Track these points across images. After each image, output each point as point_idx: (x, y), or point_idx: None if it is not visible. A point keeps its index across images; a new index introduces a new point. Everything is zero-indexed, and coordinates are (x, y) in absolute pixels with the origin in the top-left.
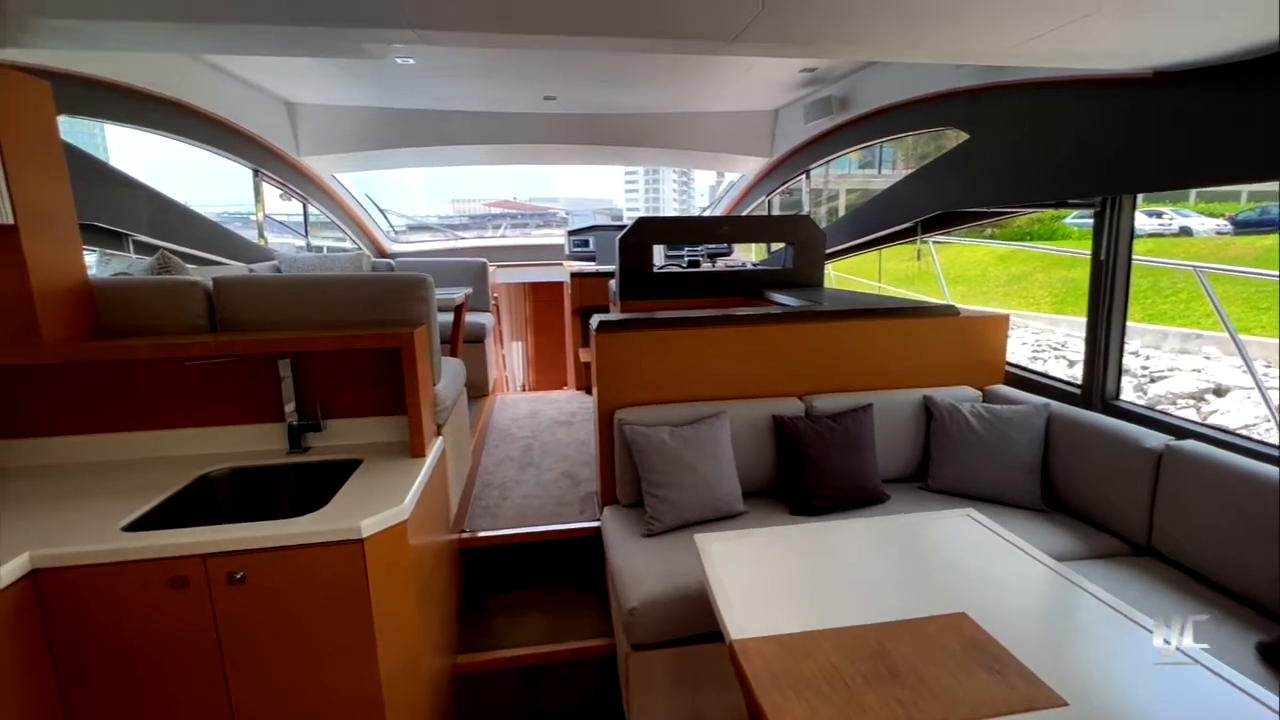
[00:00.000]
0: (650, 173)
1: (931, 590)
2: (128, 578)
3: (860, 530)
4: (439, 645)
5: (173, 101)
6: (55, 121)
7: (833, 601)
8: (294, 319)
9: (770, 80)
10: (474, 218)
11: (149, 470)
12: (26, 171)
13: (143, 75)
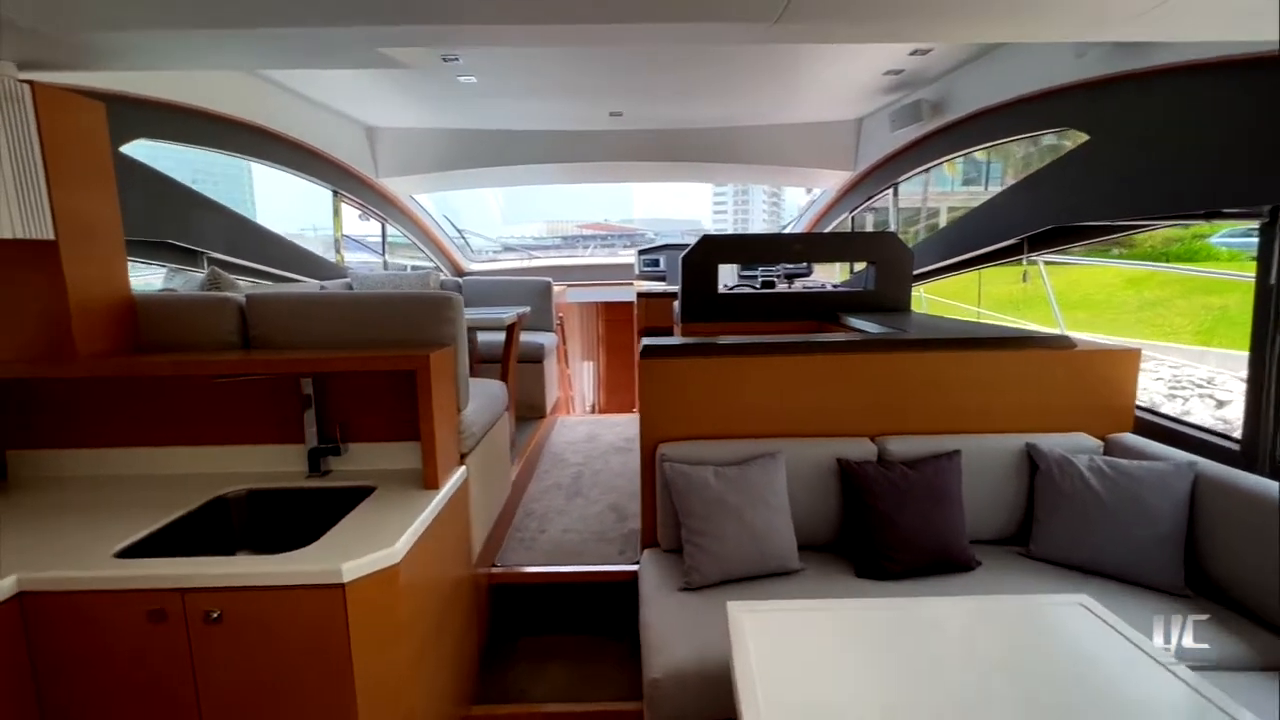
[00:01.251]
0: (740, 191)
1: (1026, 708)
2: (110, 607)
3: (939, 613)
4: (450, 693)
5: (256, 127)
6: (107, 142)
7: (894, 709)
8: (322, 338)
9: (851, 85)
10: (566, 238)
11: (169, 487)
12: (73, 189)
13: (227, 103)
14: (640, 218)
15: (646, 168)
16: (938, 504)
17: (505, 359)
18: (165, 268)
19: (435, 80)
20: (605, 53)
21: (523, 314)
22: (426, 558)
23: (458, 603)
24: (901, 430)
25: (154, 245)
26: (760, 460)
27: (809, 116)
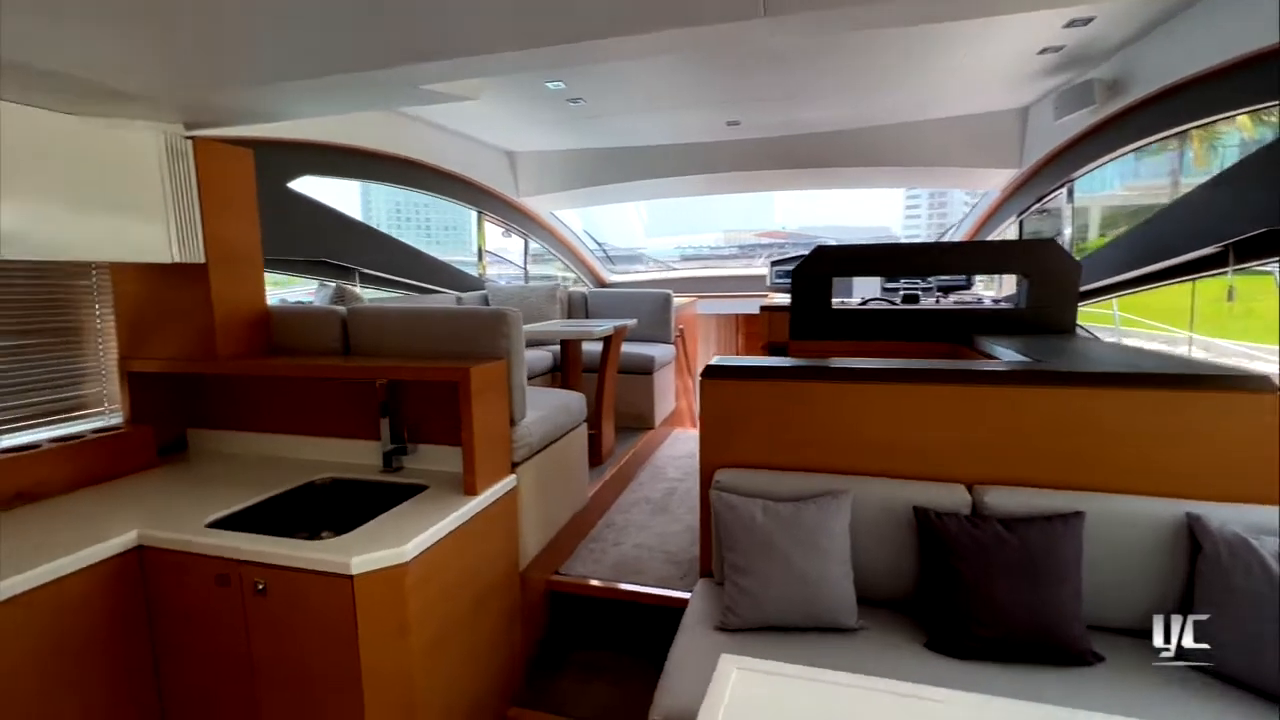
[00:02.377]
0: (936, 195)
1: None
2: (191, 567)
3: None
4: (480, 689)
5: (400, 158)
6: (253, 181)
7: None
8: (400, 348)
9: (1000, 71)
10: (743, 247)
11: (277, 468)
12: (222, 221)
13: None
14: (819, 224)
15: (772, 176)
16: (1043, 574)
17: (601, 369)
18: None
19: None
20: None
21: (622, 326)
22: (449, 558)
23: (495, 604)
24: (1009, 479)
25: (314, 263)
26: (821, 499)
27: (956, 109)
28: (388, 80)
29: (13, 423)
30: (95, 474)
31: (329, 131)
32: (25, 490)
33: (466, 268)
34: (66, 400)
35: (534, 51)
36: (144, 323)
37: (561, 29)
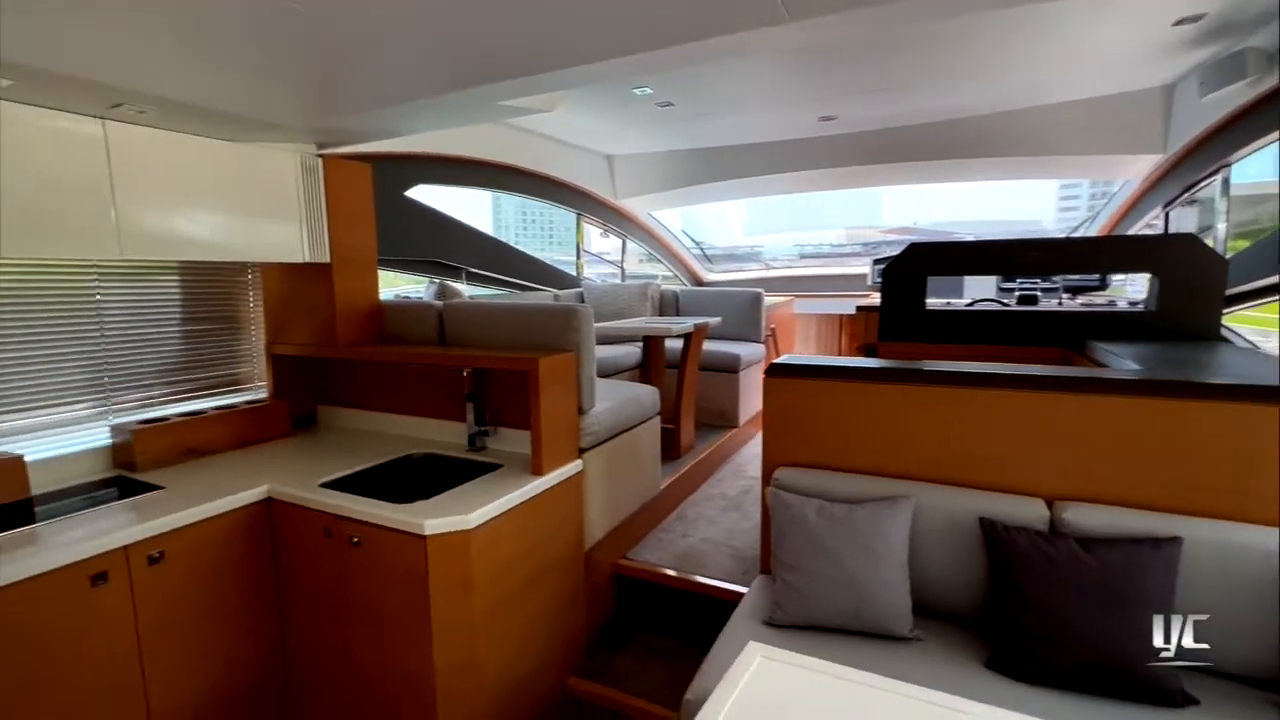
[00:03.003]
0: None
1: None
2: (304, 519)
3: None
4: (540, 655)
5: (504, 165)
6: (370, 191)
7: None
8: (487, 340)
9: (1134, 44)
10: (867, 245)
11: (382, 442)
12: (344, 227)
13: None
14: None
15: (872, 172)
16: (1125, 600)
17: (681, 366)
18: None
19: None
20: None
21: (703, 324)
22: (513, 530)
23: (558, 578)
24: (1093, 497)
25: (425, 263)
26: (878, 503)
27: (1082, 91)
28: (474, 99)
29: (188, 393)
30: (244, 438)
31: (441, 144)
32: (194, 447)
33: (581, 267)
34: (226, 376)
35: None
36: (284, 313)
37: (573, 51)
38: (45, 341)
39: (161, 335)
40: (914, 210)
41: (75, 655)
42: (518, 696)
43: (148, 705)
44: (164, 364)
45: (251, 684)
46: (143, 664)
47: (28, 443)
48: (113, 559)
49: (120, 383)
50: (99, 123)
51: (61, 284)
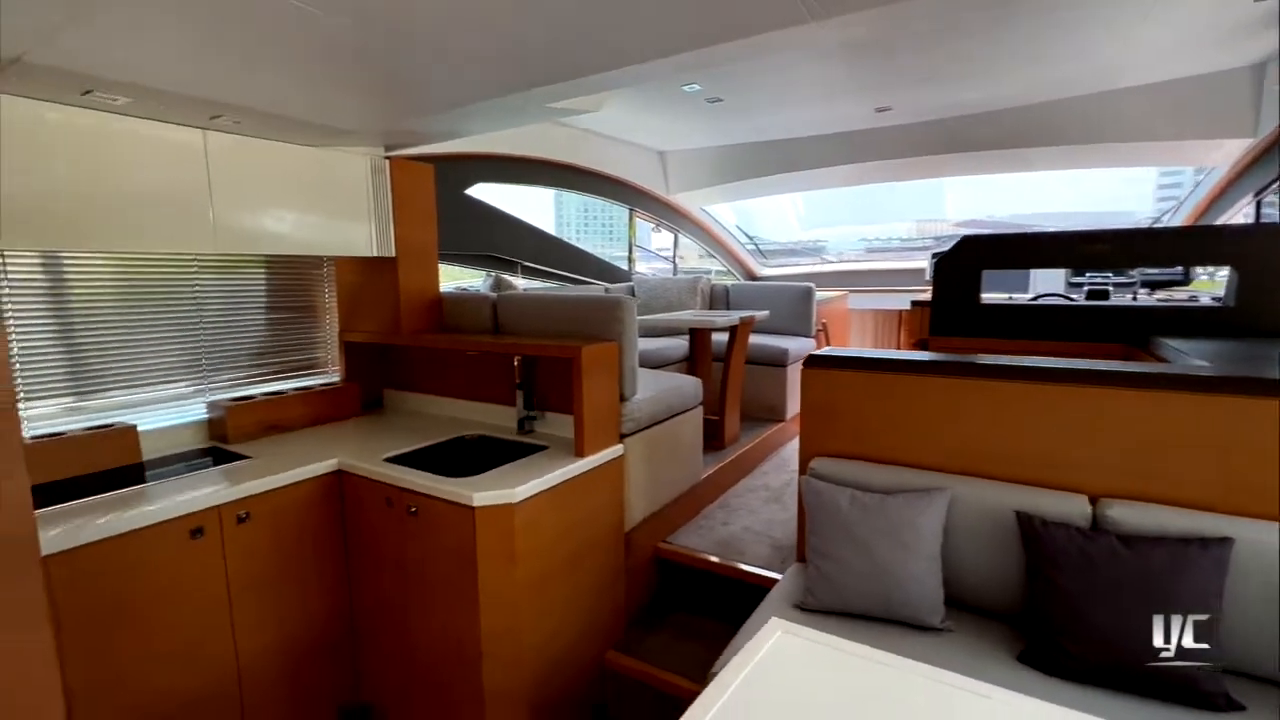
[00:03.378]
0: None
1: None
2: (368, 490)
3: None
4: (580, 628)
5: (559, 163)
6: (433, 190)
7: None
8: (536, 328)
9: (1214, 21)
10: (939, 238)
11: (441, 424)
12: (408, 224)
13: (537, 148)
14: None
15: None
16: (1167, 601)
17: (726, 359)
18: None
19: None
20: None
21: (749, 318)
22: (554, 506)
23: (599, 556)
24: (1142, 495)
25: (483, 257)
26: (911, 494)
27: (1159, 73)
28: (524, 102)
29: (271, 375)
30: (319, 417)
31: (499, 144)
32: (276, 423)
33: (632, 261)
34: (304, 360)
35: None
36: (355, 303)
37: (617, 53)
38: (154, 326)
39: (250, 322)
40: (982, 202)
41: (177, 598)
42: (557, 666)
43: (235, 649)
44: (252, 348)
45: (322, 638)
46: (232, 611)
47: (139, 415)
48: (208, 516)
49: (215, 364)
50: (200, 133)
51: (167, 275)
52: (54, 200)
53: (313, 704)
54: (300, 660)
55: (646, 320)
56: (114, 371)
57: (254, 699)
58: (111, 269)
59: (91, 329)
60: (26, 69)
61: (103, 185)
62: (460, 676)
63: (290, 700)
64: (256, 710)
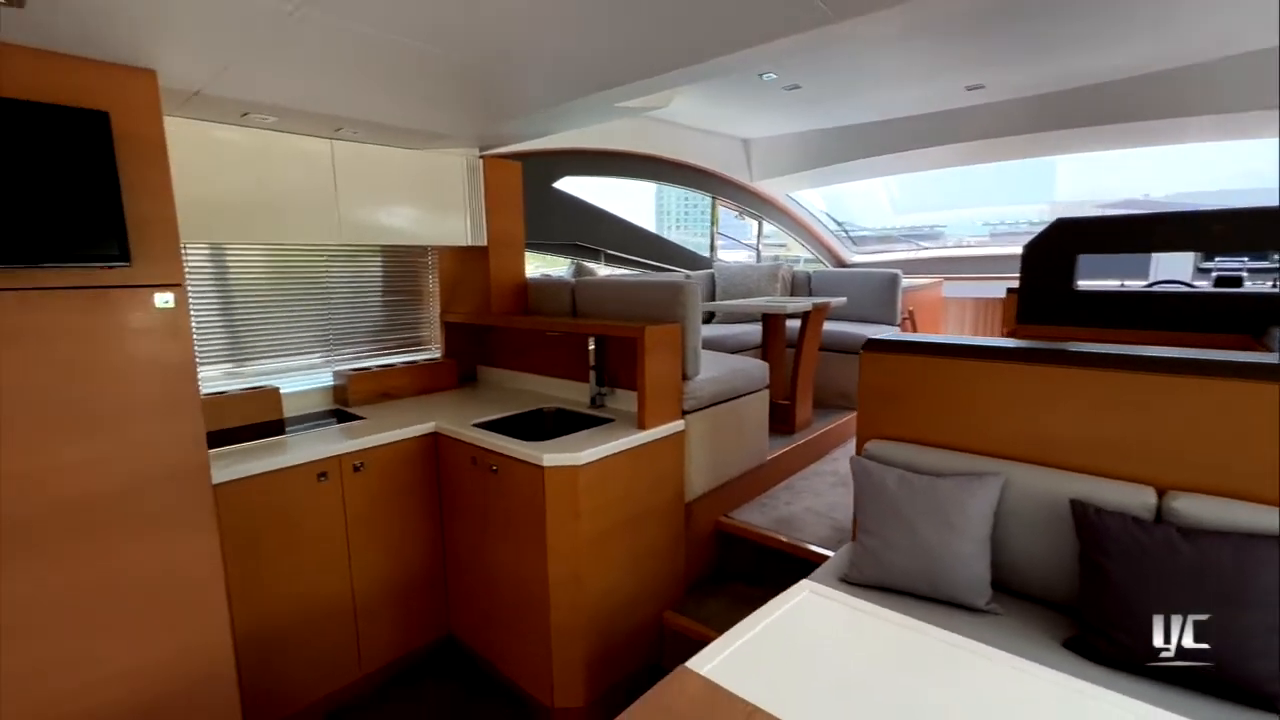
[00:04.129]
0: None
1: None
2: (457, 450)
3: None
4: (639, 587)
5: (642, 155)
6: (520, 185)
7: None
8: (609, 311)
9: None
10: None
11: (523, 397)
12: (499, 215)
13: (622, 141)
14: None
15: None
16: (1227, 596)
17: (799, 344)
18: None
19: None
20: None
21: (823, 304)
22: (616, 472)
23: (659, 523)
24: (1214, 489)
25: (569, 246)
26: (961, 478)
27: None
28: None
29: (385, 349)
30: (421, 387)
31: (584, 139)
32: (386, 392)
33: (728, 251)
34: (411, 338)
35: None
36: (453, 287)
37: (685, 51)
38: (293, 306)
39: (368, 304)
40: (1097, 180)
41: (306, 529)
42: (615, 616)
43: (350, 577)
44: (369, 326)
45: (419, 574)
46: (348, 545)
47: (280, 380)
48: (331, 464)
49: (340, 339)
50: (328, 143)
51: (304, 264)
52: (222, 202)
53: (409, 630)
54: (400, 591)
55: (720, 306)
56: (262, 343)
57: (364, 620)
58: (260, 258)
59: (245, 308)
60: (203, 100)
61: (257, 189)
62: (531, 615)
63: (391, 624)
64: (366, 630)
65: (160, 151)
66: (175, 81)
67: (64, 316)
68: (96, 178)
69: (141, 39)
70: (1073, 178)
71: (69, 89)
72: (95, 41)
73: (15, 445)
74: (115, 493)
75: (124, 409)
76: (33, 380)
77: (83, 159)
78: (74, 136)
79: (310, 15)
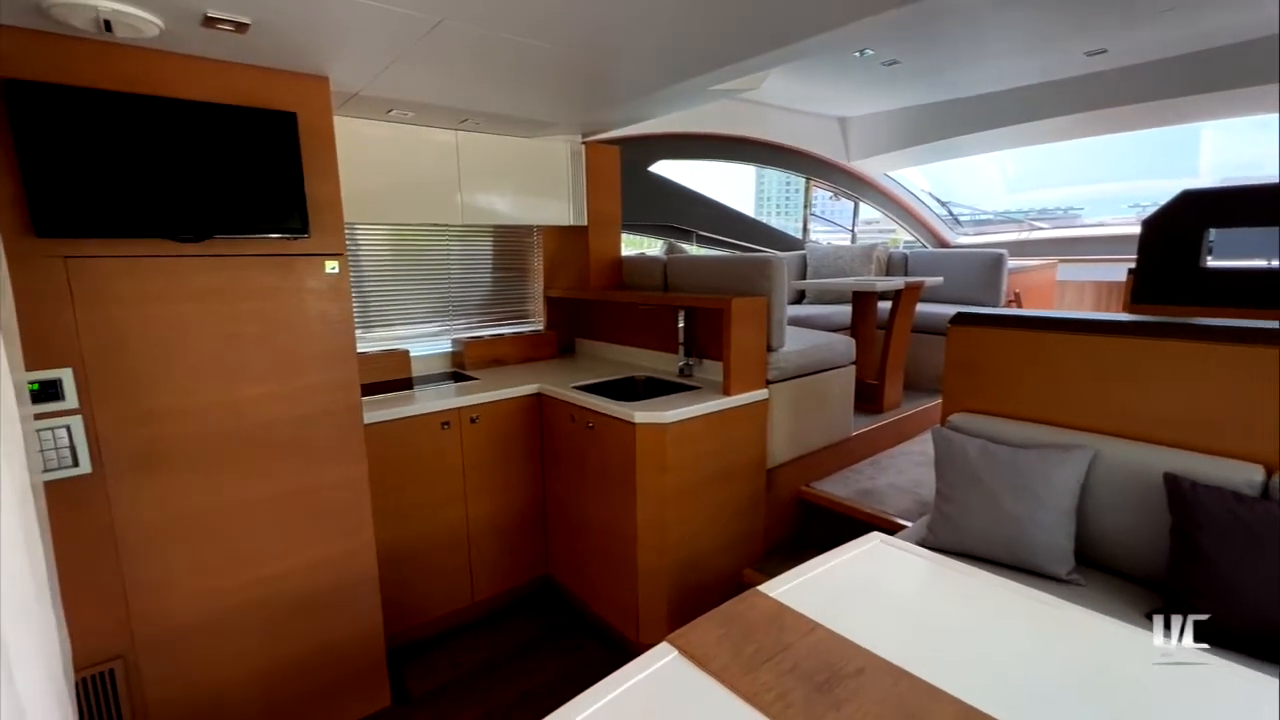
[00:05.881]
0: None
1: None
2: (559, 408)
3: None
4: (718, 540)
5: (736, 137)
6: (618, 169)
7: None
8: (699, 286)
9: None
10: None
11: (617, 366)
12: (598, 198)
13: (715, 124)
14: None
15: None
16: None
17: (889, 324)
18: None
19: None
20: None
21: (916, 283)
22: (701, 433)
23: (740, 483)
24: None
25: (663, 227)
26: (1046, 449)
27: None
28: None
29: (496, 320)
30: (527, 356)
31: (679, 124)
32: (497, 358)
33: (830, 233)
34: (518, 310)
35: None
36: (556, 264)
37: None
38: (419, 279)
39: (481, 279)
40: (1213, 158)
41: (432, 468)
42: (696, 564)
43: (467, 511)
44: (482, 299)
45: (522, 516)
46: (465, 486)
47: (408, 344)
48: (452, 414)
49: (458, 310)
50: (453, 133)
51: (429, 242)
52: (367, 186)
53: (513, 567)
54: (507, 530)
55: (808, 285)
56: (390, 312)
57: (476, 553)
58: (388, 236)
59: (377, 280)
60: (359, 100)
61: (394, 175)
62: (620, 557)
63: (498, 558)
64: (478, 561)
65: (330, 144)
66: (341, 85)
67: (261, 276)
68: (287, 166)
69: (323, 52)
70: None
71: (267, 95)
72: (288, 56)
73: (218, 380)
74: (292, 422)
75: (301, 355)
76: (235, 329)
77: (277, 151)
78: (271, 133)
79: (449, 24)
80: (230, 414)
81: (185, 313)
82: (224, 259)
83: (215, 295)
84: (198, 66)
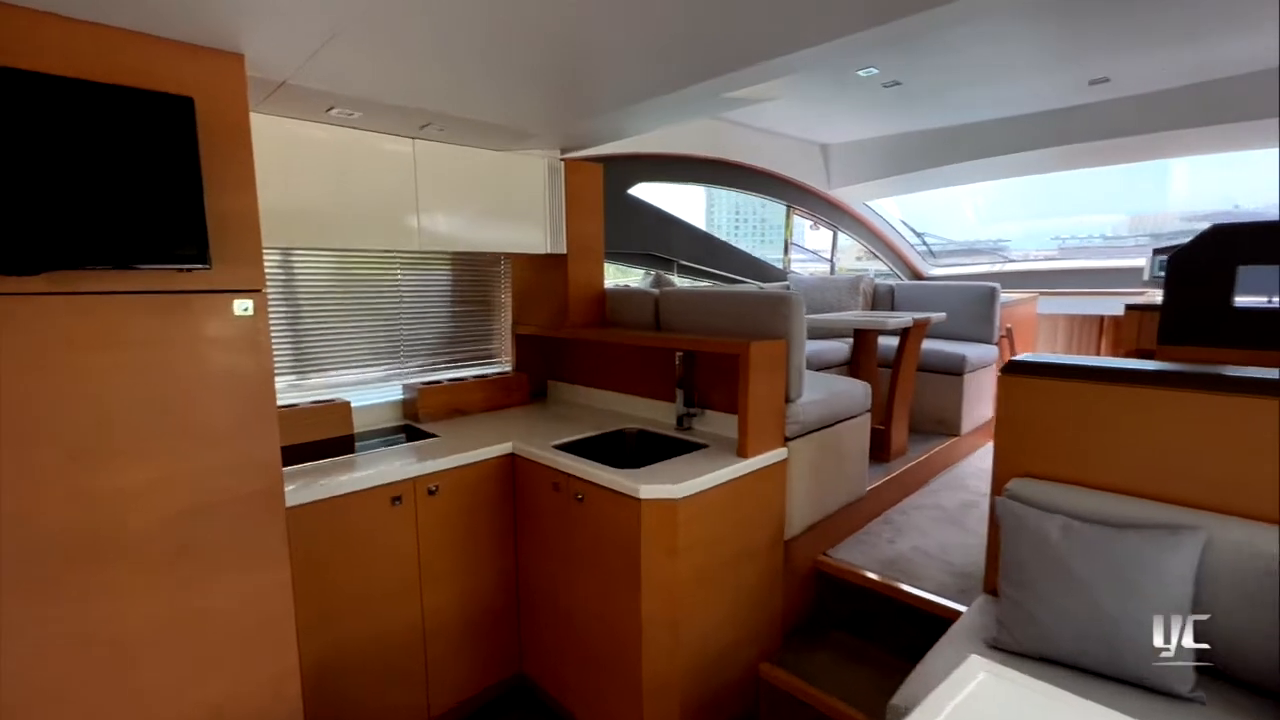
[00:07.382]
0: None
1: None
2: (537, 473)
3: None
4: (734, 632)
5: (716, 160)
6: (601, 189)
7: None
8: (698, 324)
9: None
10: (1156, 235)
11: (602, 416)
12: (579, 222)
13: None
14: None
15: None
16: None
17: (895, 364)
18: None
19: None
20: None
21: (924, 319)
22: (716, 505)
23: (758, 562)
24: None
25: (642, 255)
26: (1150, 530)
27: None
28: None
29: (454, 363)
30: (493, 403)
31: (658, 144)
32: (457, 407)
33: (808, 262)
34: (480, 350)
35: None
36: (526, 298)
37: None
38: (362, 315)
39: (438, 314)
40: (1181, 193)
41: (380, 551)
42: (710, 666)
43: (421, 603)
44: (439, 337)
45: (492, 607)
46: (420, 570)
47: (347, 393)
48: (405, 487)
49: (410, 350)
50: (410, 142)
51: (374, 271)
52: (299, 204)
53: (481, 666)
54: (472, 624)
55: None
56: (328, 353)
57: (434, 651)
58: (329, 264)
59: (312, 316)
60: (288, 92)
61: (337, 191)
62: (617, 660)
63: (461, 659)
64: (436, 665)
65: (245, 144)
66: (263, 69)
67: (139, 320)
68: (177, 171)
69: (233, 18)
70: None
71: (151, 72)
72: (183, 20)
73: (66, 464)
74: (182, 518)
75: (197, 426)
76: (99, 393)
77: (163, 149)
78: (154, 124)
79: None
80: (85, 511)
81: (14, 369)
82: (79, 298)
83: (65, 345)
84: (47, 26)
